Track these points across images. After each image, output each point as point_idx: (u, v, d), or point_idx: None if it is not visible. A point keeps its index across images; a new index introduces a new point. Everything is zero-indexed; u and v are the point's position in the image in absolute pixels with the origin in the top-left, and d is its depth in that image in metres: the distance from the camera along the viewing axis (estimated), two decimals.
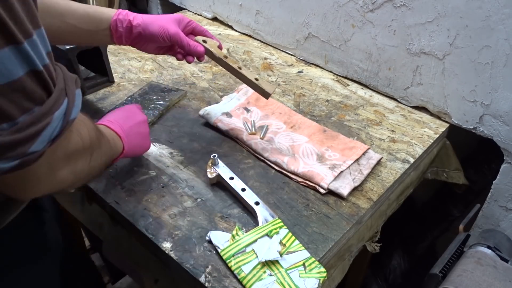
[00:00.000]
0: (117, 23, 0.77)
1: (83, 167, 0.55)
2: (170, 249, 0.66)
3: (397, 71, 0.99)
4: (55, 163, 0.48)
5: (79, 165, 0.53)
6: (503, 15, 0.78)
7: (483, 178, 1.09)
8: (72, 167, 0.52)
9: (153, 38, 0.78)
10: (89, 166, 0.56)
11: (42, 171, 0.46)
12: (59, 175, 0.50)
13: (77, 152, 0.52)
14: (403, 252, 1.26)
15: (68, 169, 0.51)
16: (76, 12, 0.74)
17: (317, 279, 0.62)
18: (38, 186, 0.48)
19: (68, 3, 0.75)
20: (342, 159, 0.81)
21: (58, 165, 0.49)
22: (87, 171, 0.57)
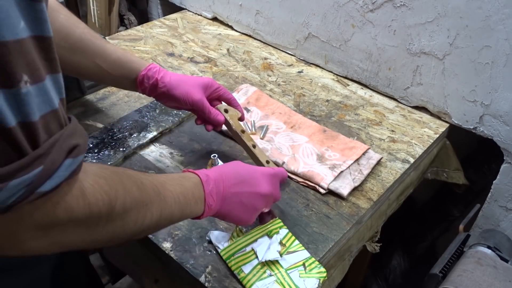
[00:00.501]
0: (144, 78, 0.76)
1: (86, 236, 0.44)
2: (170, 249, 0.66)
3: (397, 71, 0.99)
4: (19, 233, 0.40)
5: (74, 235, 0.43)
6: (503, 15, 0.78)
7: (483, 178, 1.09)
8: (56, 238, 0.42)
9: (176, 100, 0.77)
10: (105, 232, 0.45)
11: (1, 238, 0.39)
12: (30, 245, 0.41)
13: (72, 222, 0.41)
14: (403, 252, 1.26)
15: (48, 240, 0.41)
16: (109, 57, 0.74)
17: (317, 279, 0.62)
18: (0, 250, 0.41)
19: (104, 44, 0.75)
20: (342, 159, 0.81)
21: (25, 236, 0.40)
22: (100, 238, 0.46)
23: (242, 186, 0.62)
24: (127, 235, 0.48)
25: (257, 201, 0.64)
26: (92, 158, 0.80)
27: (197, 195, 0.57)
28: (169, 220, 0.54)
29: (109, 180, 0.44)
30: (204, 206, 0.57)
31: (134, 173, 0.50)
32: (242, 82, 1.06)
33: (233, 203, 0.61)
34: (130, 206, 0.46)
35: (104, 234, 0.45)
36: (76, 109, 0.95)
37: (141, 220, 0.49)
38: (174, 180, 0.55)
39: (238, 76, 1.09)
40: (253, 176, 0.64)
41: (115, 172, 0.47)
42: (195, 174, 0.59)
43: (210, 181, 0.59)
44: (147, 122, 0.89)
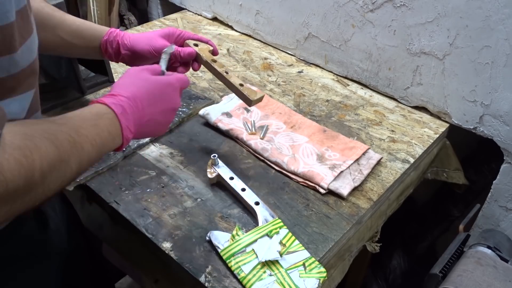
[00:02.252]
0: (107, 44, 0.78)
1: (2, 213, 0.41)
2: (170, 249, 0.66)
3: (397, 71, 0.99)
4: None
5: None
6: (503, 15, 0.78)
7: (483, 178, 1.09)
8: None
9: (142, 56, 0.77)
10: (25, 203, 0.43)
11: None
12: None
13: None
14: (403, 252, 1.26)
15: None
16: (69, 27, 0.75)
17: (317, 279, 0.62)
18: None
19: (63, 16, 0.75)
20: (342, 159, 0.81)
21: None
22: (20, 209, 0.43)
23: (157, 106, 0.62)
24: (48, 196, 0.47)
25: (171, 116, 0.65)
26: None
27: (114, 132, 0.55)
28: (89, 165, 0.53)
29: (24, 149, 0.41)
30: (122, 140, 0.56)
31: (47, 127, 0.47)
32: None
33: (150, 125, 0.61)
34: (49, 169, 0.44)
35: (24, 205, 0.44)
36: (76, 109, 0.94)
37: (61, 178, 0.47)
38: (88, 121, 0.53)
39: (238, 76, 1.09)
40: (166, 92, 0.64)
41: (29, 136, 0.43)
42: (110, 108, 0.56)
43: (126, 113, 0.57)
44: None
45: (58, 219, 0.69)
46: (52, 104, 0.94)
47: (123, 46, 0.78)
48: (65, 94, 0.97)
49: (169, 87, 0.65)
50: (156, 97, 0.62)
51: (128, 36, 0.78)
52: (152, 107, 0.61)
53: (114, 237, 0.81)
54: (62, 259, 0.70)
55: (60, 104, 0.95)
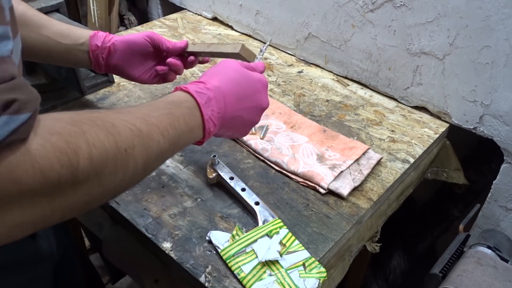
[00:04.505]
0: (96, 39, 0.75)
1: (52, 208, 0.36)
2: (170, 249, 0.66)
3: (397, 71, 0.99)
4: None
5: (35, 210, 0.35)
6: (503, 15, 0.78)
7: (483, 178, 1.09)
8: (13, 219, 0.34)
9: (139, 46, 0.76)
10: (78, 197, 0.38)
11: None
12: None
13: (26, 195, 0.34)
14: (403, 252, 1.26)
15: (3, 225, 0.34)
16: (55, 27, 0.73)
17: (317, 279, 0.62)
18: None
19: (48, 18, 0.74)
20: (342, 159, 0.81)
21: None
22: (74, 205, 0.38)
23: (245, 103, 0.56)
24: (110, 192, 0.41)
25: (258, 116, 0.60)
26: None
27: (192, 123, 0.49)
28: (161, 159, 0.47)
29: (65, 134, 0.36)
30: (203, 133, 0.51)
31: (103, 115, 0.41)
32: None
33: (235, 123, 0.56)
34: (101, 159, 0.38)
35: (77, 200, 0.38)
36: (76, 109, 0.94)
37: (123, 171, 0.40)
38: (161, 109, 0.47)
39: None
40: (256, 89, 0.58)
41: (74, 120, 0.37)
42: (192, 96, 0.50)
43: (211, 102, 0.51)
44: None
45: None
46: (52, 104, 0.94)
47: (115, 38, 0.75)
48: (65, 94, 0.97)
49: (260, 83, 0.60)
50: (246, 93, 0.56)
51: (116, 37, 0.77)
52: (240, 102, 0.56)
53: (114, 237, 0.81)
54: (51, 264, 0.69)
55: (60, 104, 0.95)
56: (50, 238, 0.69)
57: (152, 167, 0.46)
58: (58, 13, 0.92)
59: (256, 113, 0.60)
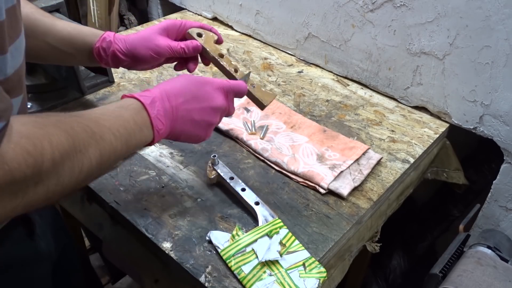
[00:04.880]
0: (100, 51, 0.71)
1: (14, 204, 0.39)
2: (170, 249, 0.66)
3: (397, 71, 0.99)
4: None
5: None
6: (503, 15, 0.78)
7: (483, 178, 1.09)
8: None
9: (144, 61, 0.72)
10: (38, 194, 0.41)
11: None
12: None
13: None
14: (403, 252, 1.26)
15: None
16: (59, 33, 0.70)
17: (317, 279, 0.62)
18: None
19: (53, 22, 0.71)
20: (342, 159, 0.81)
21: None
22: (34, 201, 0.41)
23: (192, 102, 0.58)
24: (66, 188, 0.44)
25: (210, 116, 0.61)
26: None
27: (140, 122, 0.53)
28: (114, 158, 0.50)
29: (33, 138, 0.39)
30: (152, 132, 0.54)
31: (63, 119, 0.45)
32: None
33: (185, 122, 0.58)
34: (61, 159, 0.41)
35: (37, 196, 0.41)
36: (76, 109, 0.95)
37: (78, 168, 0.44)
38: (110, 113, 0.50)
39: None
40: (204, 90, 0.60)
41: (40, 124, 0.41)
42: (135, 99, 0.53)
43: (156, 103, 0.54)
44: None
45: (43, 223, 0.68)
46: (52, 104, 0.94)
47: (121, 52, 0.72)
48: (65, 94, 0.97)
49: (208, 85, 0.61)
50: (192, 93, 0.58)
51: (124, 40, 0.72)
52: (187, 103, 0.58)
53: (114, 237, 0.81)
54: (50, 264, 0.69)
55: (60, 104, 0.95)
56: (48, 238, 0.69)
57: (107, 165, 0.49)
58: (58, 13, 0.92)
59: (208, 113, 0.61)
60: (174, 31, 0.73)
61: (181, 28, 0.74)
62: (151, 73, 1.09)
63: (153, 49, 0.71)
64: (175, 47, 0.71)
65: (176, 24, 0.73)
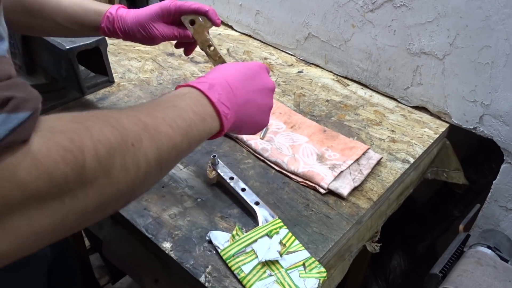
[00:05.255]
0: (105, 30, 0.75)
1: (63, 213, 0.33)
2: (170, 249, 0.66)
3: (397, 71, 0.99)
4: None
5: (46, 216, 0.32)
6: (503, 15, 0.78)
7: (483, 178, 1.09)
8: (23, 229, 0.31)
9: (142, 42, 0.77)
10: (90, 198, 0.35)
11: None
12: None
13: (33, 200, 0.31)
14: (403, 252, 1.26)
15: (11, 238, 0.31)
16: (65, 12, 0.73)
17: (317, 279, 0.62)
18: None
19: (59, 1, 0.73)
20: (342, 159, 0.81)
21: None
22: (87, 208, 0.35)
23: (251, 85, 0.53)
24: (124, 193, 0.38)
25: (270, 98, 0.57)
26: None
27: (201, 111, 0.46)
28: (175, 153, 0.43)
29: (69, 132, 0.34)
30: (218, 119, 0.48)
31: (106, 112, 0.39)
32: None
33: (250, 106, 0.53)
34: (108, 155, 0.35)
35: (89, 202, 0.35)
36: (76, 109, 0.95)
37: (134, 166, 0.38)
38: (163, 104, 0.44)
39: None
40: (256, 71, 0.56)
41: (76, 118, 0.36)
42: (191, 87, 0.48)
43: (215, 86, 0.48)
44: None
45: None
46: (52, 104, 0.94)
47: (120, 31, 0.75)
48: (65, 94, 0.97)
49: (258, 66, 0.58)
50: (248, 76, 0.54)
51: (124, 20, 0.74)
52: (247, 85, 0.53)
53: (114, 237, 0.81)
54: (46, 265, 0.69)
55: (60, 104, 0.95)
56: None
57: (168, 163, 0.43)
58: None
59: (267, 95, 0.57)
60: (169, 16, 0.74)
61: (176, 13, 0.74)
62: (151, 73, 1.09)
63: (148, 35, 0.74)
64: (168, 35, 0.74)
65: (171, 9, 0.73)
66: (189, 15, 0.73)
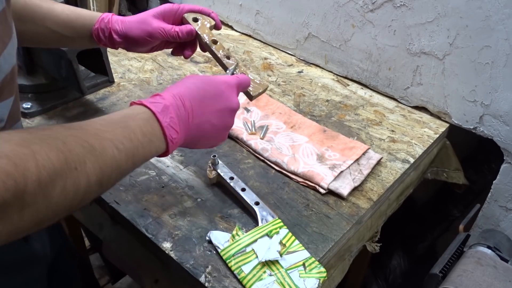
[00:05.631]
0: (99, 32, 0.72)
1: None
2: (170, 249, 0.66)
3: (397, 71, 0.99)
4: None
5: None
6: (503, 15, 0.78)
7: (483, 178, 1.09)
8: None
9: (137, 42, 0.72)
10: (25, 220, 0.36)
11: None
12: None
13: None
14: (403, 252, 1.26)
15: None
16: (58, 17, 0.70)
17: (317, 279, 0.62)
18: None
19: (51, 6, 0.71)
20: (342, 159, 0.81)
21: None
22: (20, 228, 0.36)
23: (208, 105, 0.53)
24: (60, 212, 0.39)
25: (229, 118, 0.57)
26: None
27: (149, 133, 0.47)
28: (118, 173, 0.44)
29: (14, 157, 0.34)
30: (165, 142, 0.49)
31: (55, 133, 0.39)
32: None
33: (203, 128, 0.54)
34: (50, 179, 0.36)
35: (24, 222, 0.36)
36: (76, 109, 0.95)
37: (74, 189, 0.39)
38: (114, 124, 0.45)
39: None
40: (219, 90, 0.55)
41: (24, 141, 0.36)
42: (145, 107, 0.48)
43: (169, 110, 0.49)
44: None
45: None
46: (52, 104, 0.94)
47: (116, 33, 0.72)
48: (65, 94, 0.97)
49: (224, 84, 0.57)
50: (208, 95, 0.54)
51: (121, 21, 0.72)
52: (204, 106, 0.53)
53: (114, 237, 0.81)
54: (45, 266, 0.69)
55: (60, 104, 0.95)
56: (43, 239, 0.69)
57: (109, 183, 0.44)
58: None
59: (227, 114, 0.57)
60: (171, 16, 0.72)
61: (178, 13, 0.73)
62: (151, 73, 1.09)
63: (147, 31, 0.70)
64: (169, 30, 0.70)
65: (174, 9, 0.72)
66: (192, 14, 0.73)
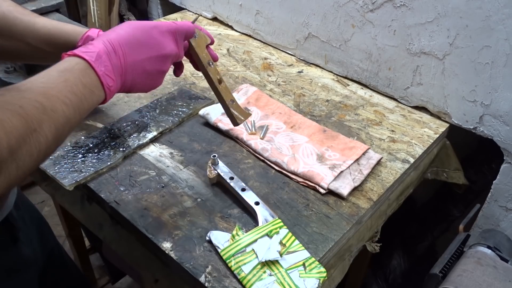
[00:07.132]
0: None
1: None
2: (170, 249, 0.66)
3: (397, 71, 0.99)
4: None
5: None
6: (503, 15, 0.78)
7: (483, 178, 1.09)
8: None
9: None
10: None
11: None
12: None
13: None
14: (403, 252, 1.26)
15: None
16: (39, 32, 0.67)
17: (317, 279, 0.62)
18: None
19: (32, 20, 0.67)
20: (342, 159, 0.81)
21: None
22: None
23: (141, 52, 0.54)
24: (27, 171, 0.43)
25: (162, 64, 0.57)
26: (92, 158, 0.80)
27: (89, 84, 0.49)
28: (69, 127, 0.47)
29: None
30: (103, 91, 0.50)
31: (9, 98, 0.42)
32: (242, 82, 1.06)
33: (136, 74, 0.54)
34: (18, 144, 0.40)
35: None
36: None
37: (37, 149, 0.42)
38: (55, 79, 0.46)
39: (238, 76, 1.09)
40: (152, 36, 0.55)
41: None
42: (80, 57, 0.49)
43: (102, 59, 0.50)
44: (147, 122, 0.89)
45: (28, 230, 0.67)
46: None
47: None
48: None
49: (155, 29, 0.56)
50: (140, 41, 0.54)
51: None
52: (136, 53, 0.54)
53: (114, 237, 0.81)
54: (36, 269, 0.68)
55: None
56: (33, 243, 0.68)
57: (63, 137, 0.47)
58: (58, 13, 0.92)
59: (159, 61, 0.57)
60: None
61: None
62: None
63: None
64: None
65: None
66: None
